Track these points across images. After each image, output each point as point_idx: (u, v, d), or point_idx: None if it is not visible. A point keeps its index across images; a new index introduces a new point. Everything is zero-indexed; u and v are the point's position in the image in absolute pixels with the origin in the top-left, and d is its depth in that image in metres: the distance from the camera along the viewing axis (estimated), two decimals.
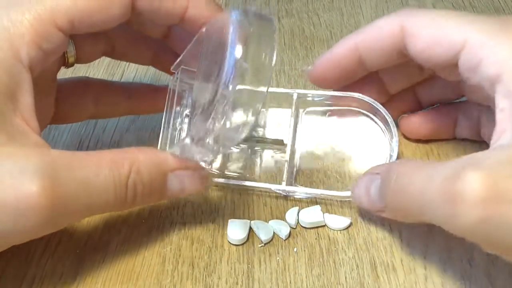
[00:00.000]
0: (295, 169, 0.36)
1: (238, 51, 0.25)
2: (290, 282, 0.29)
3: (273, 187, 0.33)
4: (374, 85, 0.36)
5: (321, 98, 0.37)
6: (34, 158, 0.25)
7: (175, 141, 0.33)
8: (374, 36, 0.32)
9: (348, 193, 0.32)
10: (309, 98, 0.37)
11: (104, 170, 0.26)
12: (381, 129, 0.36)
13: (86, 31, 0.29)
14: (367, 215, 0.33)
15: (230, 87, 0.25)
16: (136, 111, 0.37)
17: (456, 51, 0.28)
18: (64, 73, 0.35)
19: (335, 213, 0.33)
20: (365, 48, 0.32)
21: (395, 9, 0.53)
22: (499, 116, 0.26)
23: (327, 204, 0.34)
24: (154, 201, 0.31)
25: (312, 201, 0.34)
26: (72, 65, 0.33)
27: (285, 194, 0.34)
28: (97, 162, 0.26)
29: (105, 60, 0.46)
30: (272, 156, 0.36)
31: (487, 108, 0.33)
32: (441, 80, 0.33)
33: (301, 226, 0.32)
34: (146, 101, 0.36)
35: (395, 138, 0.34)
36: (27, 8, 0.27)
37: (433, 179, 0.24)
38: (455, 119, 0.35)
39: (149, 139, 0.38)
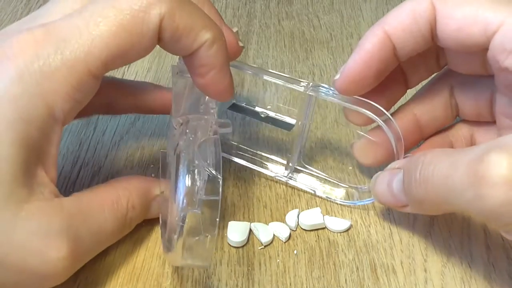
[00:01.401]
0: (303, 151, 0.35)
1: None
2: (290, 284, 0.29)
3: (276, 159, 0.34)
4: (396, 76, 0.33)
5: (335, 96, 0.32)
6: (55, 217, 0.25)
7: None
8: (407, 19, 0.30)
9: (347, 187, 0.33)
10: (322, 93, 0.32)
11: (108, 214, 0.28)
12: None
13: (118, 67, 0.28)
14: (367, 218, 0.33)
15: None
16: (141, 109, 0.37)
17: (491, 32, 0.27)
18: None
19: (335, 215, 0.33)
20: (399, 34, 0.30)
21: None
22: None
23: (327, 206, 0.34)
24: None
25: (312, 203, 0.34)
26: None
27: (287, 176, 0.34)
28: (100, 205, 0.28)
29: None
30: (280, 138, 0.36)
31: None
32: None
33: (301, 228, 0.32)
34: (153, 99, 0.36)
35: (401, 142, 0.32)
36: (60, 59, 0.25)
37: (458, 164, 0.24)
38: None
39: (149, 140, 0.38)
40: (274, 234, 0.32)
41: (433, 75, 0.34)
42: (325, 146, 0.38)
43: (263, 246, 0.31)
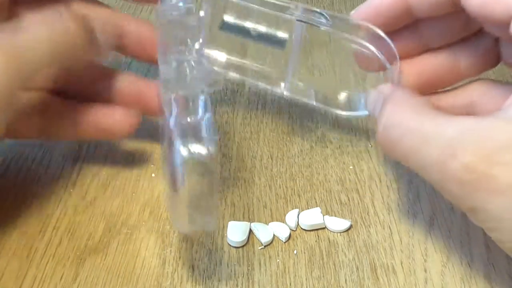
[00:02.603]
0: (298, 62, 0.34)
1: None
2: (290, 284, 0.29)
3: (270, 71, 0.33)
4: (413, 36, 0.33)
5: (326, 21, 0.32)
6: None
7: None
8: None
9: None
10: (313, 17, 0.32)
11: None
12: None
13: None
14: (367, 218, 0.33)
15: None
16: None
17: None
18: None
19: (335, 215, 0.33)
20: None
21: None
22: None
23: (327, 206, 0.34)
24: None
25: (312, 203, 0.34)
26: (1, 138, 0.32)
27: (284, 87, 0.34)
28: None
29: None
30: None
31: None
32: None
33: (301, 228, 0.32)
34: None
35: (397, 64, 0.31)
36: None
37: (429, 144, 0.25)
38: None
39: (149, 140, 0.38)
40: (274, 234, 0.32)
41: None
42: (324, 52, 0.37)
43: (263, 246, 0.31)
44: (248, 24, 0.33)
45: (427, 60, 0.32)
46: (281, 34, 0.32)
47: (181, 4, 0.31)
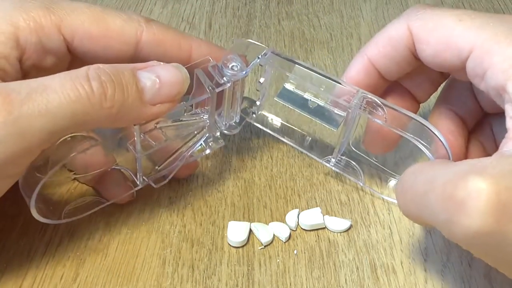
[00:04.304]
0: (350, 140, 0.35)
1: None
2: (290, 284, 0.29)
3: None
4: (402, 96, 0.34)
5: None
6: None
7: None
8: (385, 46, 0.31)
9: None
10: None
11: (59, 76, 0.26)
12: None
13: (82, 53, 0.29)
14: (367, 218, 0.33)
15: None
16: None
17: (464, 57, 0.27)
18: None
19: (335, 215, 0.33)
20: (380, 61, 0.31)
21: (395, 12, 0.53)
22: (510, 123, 0.25)
23: (327, 206, 0.34)
24: (137, 102, 0.27)
25: (312, 203, 0.34)
26: None
27: (335, 162, 0.35)
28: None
29: None
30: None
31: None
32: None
33: (301, 228, 0.32)
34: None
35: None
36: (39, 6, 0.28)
37: (435, 182, 0.23)
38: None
39: None
40: (274, 234, 0.32)
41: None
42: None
43: (263, 246, 0.31)
44: (307, 96, 0.33)
45: None
46: (338, 112, 0.33)
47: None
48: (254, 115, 0.36)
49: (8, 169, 0.25)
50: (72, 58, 0.31)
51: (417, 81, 0.33)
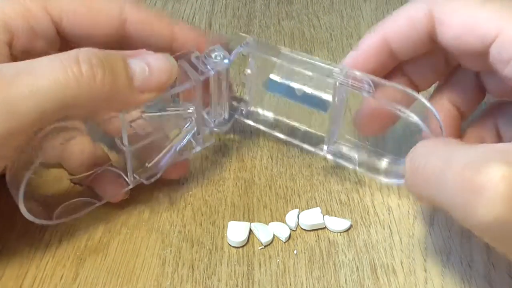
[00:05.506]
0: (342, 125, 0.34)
1: None
2: (290, 284, 0.29)
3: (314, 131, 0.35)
4: (401, 80, 0.34)
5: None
6: None
7: None
8: (404, 25, 0.30)
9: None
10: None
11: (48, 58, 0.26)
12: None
13: (71, 35, 0.30)
14: (367, 218, 0.33)
15: None
16: None
17: (488, 42, 0.27)
18: None
19: (335, 215, 0.33)
20: (396, 38, 0.31)
21: None
22: None
23: (327, 206, 0.34)
24: (126, 88, 0.27)
25: (312, 203, 0.34)
26: None
27: (327, 150, 0.34)
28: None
29: None
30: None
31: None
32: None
33: (301, 228, 0.32)
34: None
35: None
36: None
37: (452, 163, 0.23)
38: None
39: None
40: (274, 234, 0.32)
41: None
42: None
43: (263, 246, 0.31)
44: (294, 84, 0.34)
45: None
46: (325, 96, 0.33)
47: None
48: (243, 111, 0.36)
49: None
50: (62, 42, 0.31)
51: (421, 67, 0.33)
